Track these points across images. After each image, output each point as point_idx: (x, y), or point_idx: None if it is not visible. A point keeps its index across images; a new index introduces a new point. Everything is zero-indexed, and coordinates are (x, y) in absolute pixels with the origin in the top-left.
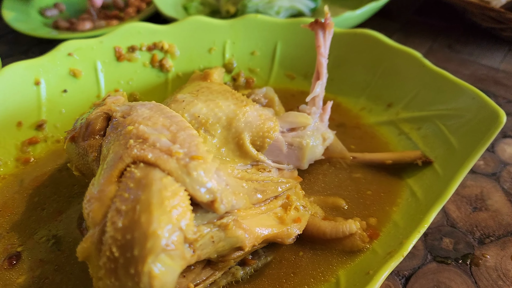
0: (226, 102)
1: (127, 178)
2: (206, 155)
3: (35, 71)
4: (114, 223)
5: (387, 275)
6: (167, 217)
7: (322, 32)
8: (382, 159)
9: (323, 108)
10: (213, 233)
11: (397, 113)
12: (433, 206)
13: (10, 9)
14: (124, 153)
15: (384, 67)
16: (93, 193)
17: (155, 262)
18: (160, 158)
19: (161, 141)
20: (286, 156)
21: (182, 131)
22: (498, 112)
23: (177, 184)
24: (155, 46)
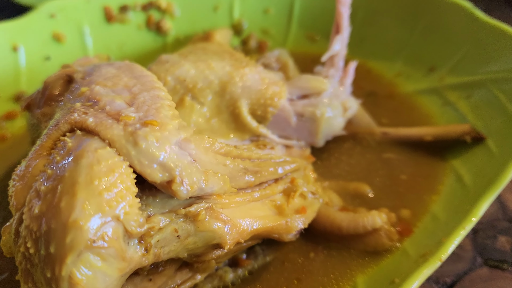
0: (221, 63)
1: (56, 150)
2: (167, 121)
3: (12, 35)
4: (30, 209)
5: (419, 284)
6: (95, 201)
7: None
8: (420, 134)
9: (344, 69)
10: (177, 225)
11: (441, 78)
12: (484, 194)
13: None
14: (61, 119)
15: (425, 22)
16: (18, 170)
17: (77, 263)
18: (102, 123)
19: (114, 104)
20: (296, 130)
21: (145, 91)
22: None
23: (118, 157)
24: (151, 4)
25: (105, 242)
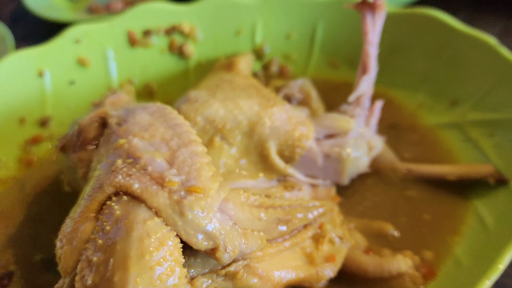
0: (249, 102)
1: (104, 216)
2: (209, 184)
3: (39, 61)
4: (83, 278)
5: None
6: (147, 276)
7: (371, 14)
8: (443, 173)
9: (370, 108)
10: (217, 284)
11: (463, 113)
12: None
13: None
14: (105, 180)
15: (448, 56)
16: (66, 231)
17: None
18: (148, 190)
19: (155, 163)
20: (322, 170)
21: (184, 147)
22: None
23: (166, 228)
24: (174, 29)
25: None
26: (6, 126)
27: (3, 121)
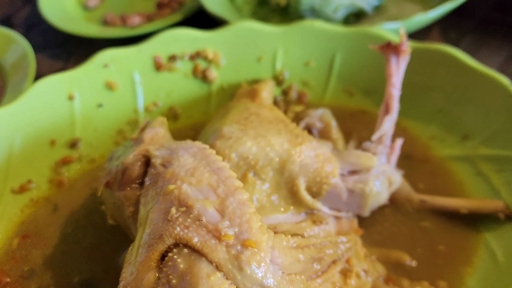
0: (279, 139)
1: (168, 268)
2: (260, 237)
3: (69, 85)
4: None
5: None
6: None
7: (396, 58)
8: (456, 206)
9: (391, 146)
10: None
11: (474, 147)
12: None
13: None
14: (165, 231)
15: (462, 91)
16: (129, 279)
17: None
18: (207, 244)
19: (208, 214)
20: (346, 204)
21: (231, 196)
22: None
23: (227, 282)
24: (199, 54)
25: None
26: (38, 148)
27: (35, 144)
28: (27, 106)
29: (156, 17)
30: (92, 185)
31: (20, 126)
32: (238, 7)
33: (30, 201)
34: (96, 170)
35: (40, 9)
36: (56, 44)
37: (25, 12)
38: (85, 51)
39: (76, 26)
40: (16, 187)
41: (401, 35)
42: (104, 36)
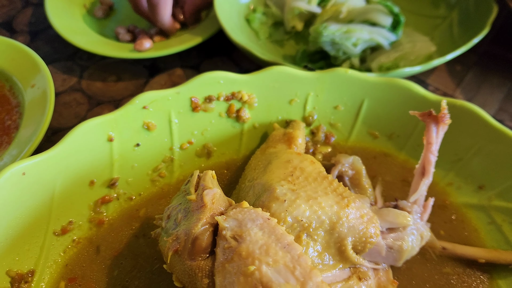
0: (328, 201)
1: None
2: None
3: (108, 127)
4: None
5: None
6: None
7: (436, 126)
8: (475, 256)
9: (424, 205)
10: None
11: (489, 198)
12: None
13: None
14: None
15: (480, 145)
16: None
17: None
18: None
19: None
20: (384, 258)
21: (310, 280)
22: None
23: None
24: (234, 96)
25: None
26: (78, 190)
27: (75, 185)
28: (67, 149)
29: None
30: (132, 225)
31: (61, 169)
32: (255, 30)
33: (72, 242)
34: (133, 210)
35: (49, 20)
36: (67, 56)
37: (27, 15)
38: (98, 66)
39: (88, 39)
40: (58, 229)
41: (443, 108)
42: (117, 56)
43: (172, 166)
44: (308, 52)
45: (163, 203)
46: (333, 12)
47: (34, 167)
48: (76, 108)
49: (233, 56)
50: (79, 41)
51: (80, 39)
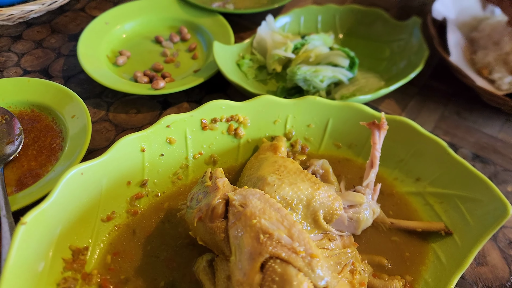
0: (304, 185)
1: (270, 272)
2: (317, 252)
3: (142, 141)
4: None
5: None
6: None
7: (378, 132)
8: (414, 227)
9: (374, 189)
10: None
11: (424, 186)
12: (454, 275)
13: (85, 55)
14: (262, 249)
15: (415, 149)
16: (242, 279)
17: None
18: (291, 257)
19: (283, 238)
20: (347, 227)
21: (294, 227)
22: (507, 206)
23: (307, 278)
24: (232, 118)
25: None
26: (118, 188)
27: (116, 184)
28: (112, 157)
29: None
30: (159, 214)
31: (106, 171)
32: (244, 72)
33: (115, 227)
34: (159, 203)
35: (81, 66)
36: (95, 94)
37: (60, 64)
38: (121, 102)
39: (113, 81)
40: (104, 217)
41: (382, 118)
42: (138, 93)
43: (187, 171)
44: (286, 88)
45: (181, 198)
46: (304, 57)
47: (89, 169)
48: (106, 134)
49: (227, 92)
50: (106, 82)
51: (107, 81)
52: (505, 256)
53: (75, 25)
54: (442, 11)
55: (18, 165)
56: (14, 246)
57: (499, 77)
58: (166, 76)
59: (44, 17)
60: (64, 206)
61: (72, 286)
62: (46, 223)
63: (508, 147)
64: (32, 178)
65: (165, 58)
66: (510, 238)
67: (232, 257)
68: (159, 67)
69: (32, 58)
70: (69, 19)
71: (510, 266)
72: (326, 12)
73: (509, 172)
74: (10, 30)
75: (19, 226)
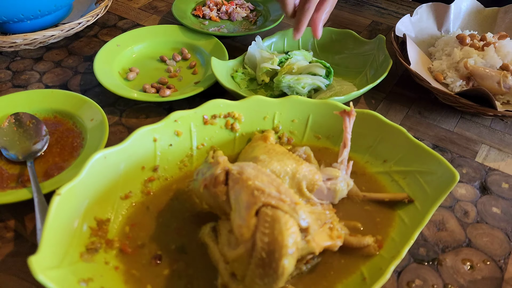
0: (290, 161)
1: (263, 215)
2: (299, 201)
3: (154, 133)
4: (261, 240)
5: (392, 271)
6: (291, 238)
7: (348, 118)
8: (382, 197)
9: (348, 165)
10: (302, 244)
11: (390, 166)
12: (415, 232)
13: (100, 71)
14: (256, 200)
15: (381, 136)
16: (241, 223)
17: (286, 260)
18: (279, 204)
19: (273, 193)
20: (326, 196)
21: (281, 186)
22: (455, 174)
23: (292, 219)
24: (229, 115)
25: (294, 251)
26: (134, 171)
27: (132, 168)
28: (129, 145)
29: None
30: (169, 194)
31: (124, 157)
32: (237, 83)
33: (131, 204)
34: (168, 185)
35: (98, 80)
36: (109, 103)
37: (77, 79)
38: (132, 109)
39: (125, 92)
40: (123, 195)
41: (351, 107)
42: (144, 100)
43: (192, 159)
44: (274, 95)
45: (187, 181)
46: (288, 69)
47: (111, 154)
48: (120, 135)
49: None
50: (120, 92)
51: (120, 91)
52: (461, 224)
53: (89, 48)
54: (403, 29)
55: (44, 160)
56: (52, 210)
57: (452, 81)
58: (171, 88)
59: (61, 42)
60: (90, 184)
61: (97, 248)
62: (76, 196)
63: (462, 139)
64: (57, 170)
65: (169, 73)
66: (465, 209)
67: (232, 212)
68: (164, 81)
69: (52, 75)
70: (84, 44)
71: (465, 231)
72: (305, 33)
73: (463, 158)
74: (32, 53)
75: (55, 196)
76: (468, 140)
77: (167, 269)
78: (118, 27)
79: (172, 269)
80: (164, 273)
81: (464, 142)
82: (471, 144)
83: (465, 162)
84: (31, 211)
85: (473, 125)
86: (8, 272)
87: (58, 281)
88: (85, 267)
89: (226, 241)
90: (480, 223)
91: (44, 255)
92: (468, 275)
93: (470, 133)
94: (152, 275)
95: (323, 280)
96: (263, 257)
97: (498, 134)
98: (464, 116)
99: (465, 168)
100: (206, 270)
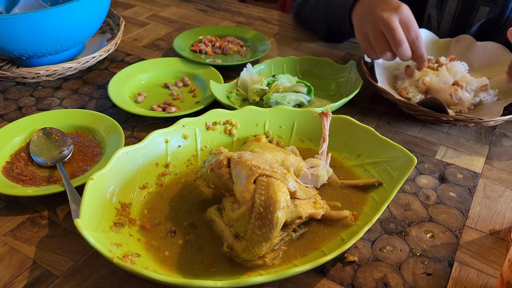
0: (280, 153)
1: (260, 181)
2: (288, 172)
3: (166, 135)
4: (259, 199)
5: (362, 236)
6: (282, 196)
7: (326, 118)
8: (357, 183)
9: (327, 156)
10: (292, 207)
11: (363, 160)
12: (383, 205)
13: (113, 94)
14: (254, 172)
15: (354, 135)
16: (242, 188)
17: (279, 212)
18: (272, 173)
19: (267, 167)
20: (310, 180)
21: (274, 163)
22: (413, 158)
23: (283, 184)
24: (227, 122)
25: (285, 205)
26: (149, 167)
27: (148, 164)
28: (146, 144)
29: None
30: (179, 185)
31: (141, 154)
32: (232, 102)
33: (148, 192)
34: (178, 179)
35: (113, 102)
36: (122, 121)
37: (93, 103)
38: (142, 125)
39: (135, 109)
40: (141, 185)
41: (327, 109)
42: (153, 115)
43: (197, 159)
44: None
45: (193, 176)
46: (275, 89)
47: (131, 151)
48: None
49: None
50: (132, 110)
51: (132, 109)
52: (424, 205)
53: (102, 78)
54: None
55: (69, 165)
56: (88, 189)
57: (413, 95)
58: (175, 106)
59: (76, 74)
60: (115, 173)
61: (123, 223)
62: (104, 181)
63: (424, 142)
64: (81, 172)
65: (173, 96)
66: (427, 194)
67: (234, 185)
68: (169, 102)
69: (70, 100)
70: (96, 75)
71: (427, 210)
72: (289, 61)
73: (426, 156)
74: (52, 83)
75: (89, 181)
76: (429, 143)
77: (181, 239)
78: (125, 61)
79: (185, 240)
80: (179, 242)
81: (426, 144)
82: (432, 146)
83: (426, 159)
84: (61, 203)
85: (433, 131)
86: (46, 249)
87: (97, 240)
88: (115, 236)
89: (230, 209)
90: (439, 204)
91: (84, 220)
92: (430, 242)
93: (431, 137)
94: (168, 244)
95: (310, 244)
96: (261, 211)
97: (454, 137)
98: (426, 124)
99: (427, 163)
100: (213, 240)
